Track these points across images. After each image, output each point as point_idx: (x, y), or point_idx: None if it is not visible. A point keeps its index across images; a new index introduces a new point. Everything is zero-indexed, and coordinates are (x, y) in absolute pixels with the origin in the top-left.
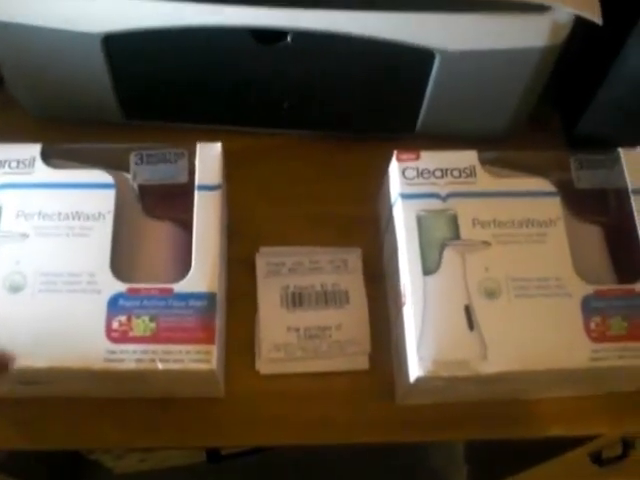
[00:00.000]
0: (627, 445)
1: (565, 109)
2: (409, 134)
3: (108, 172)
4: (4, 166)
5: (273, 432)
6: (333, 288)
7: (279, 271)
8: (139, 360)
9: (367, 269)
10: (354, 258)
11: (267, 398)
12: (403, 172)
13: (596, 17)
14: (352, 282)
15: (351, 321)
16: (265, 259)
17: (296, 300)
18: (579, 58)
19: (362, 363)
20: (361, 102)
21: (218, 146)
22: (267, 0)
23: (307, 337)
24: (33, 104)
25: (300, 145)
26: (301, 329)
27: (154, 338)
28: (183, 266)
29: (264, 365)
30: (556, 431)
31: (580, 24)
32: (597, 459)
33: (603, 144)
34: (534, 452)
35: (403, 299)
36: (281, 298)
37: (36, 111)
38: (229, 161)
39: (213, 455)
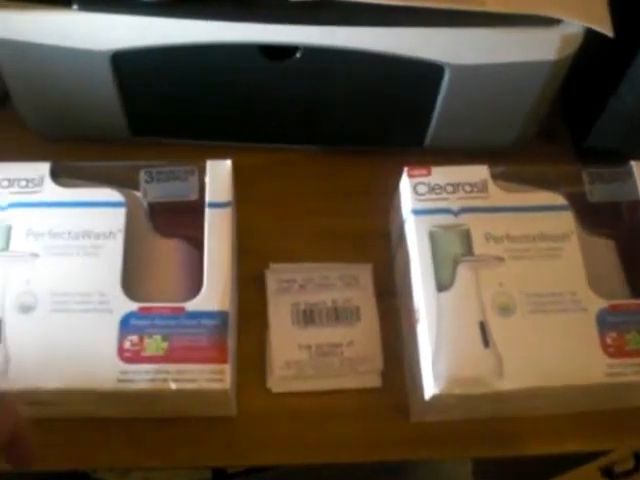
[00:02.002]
0: (639, 459)
1: (574, 122)
2: (418, 148)
3: (118, 190)
4: (13, 185)
5: (285, 451)
6: (344, 304)
7: (289, 288)
8: (152, 380)
9: (377, 285)
10: (365, 274)
11: (279, 416)
12: (414, 188)
13: (607, 29)
14: (363, 298)
15: (363, 338)
16: (275, 276)
17: (307, 317)
18: (589, 70)
19: (374, 381)
20: (371, 117)
21: (228, 163)
22: (276, 17)
23: (319, 354)
24: (39, 122)
25: (309, 160)
26: (312, 346)
27: (166, 358)
28: (194, 284)
29: (276, 383)
30: (572, 447)
31: (590, 36)
32: (609, 473)
33: (612, 157)
34: (544, 467)
35: (417, 315)
36: (292, 315)
37: (42, 129)
38: (237, 177)
39: (219, 473)
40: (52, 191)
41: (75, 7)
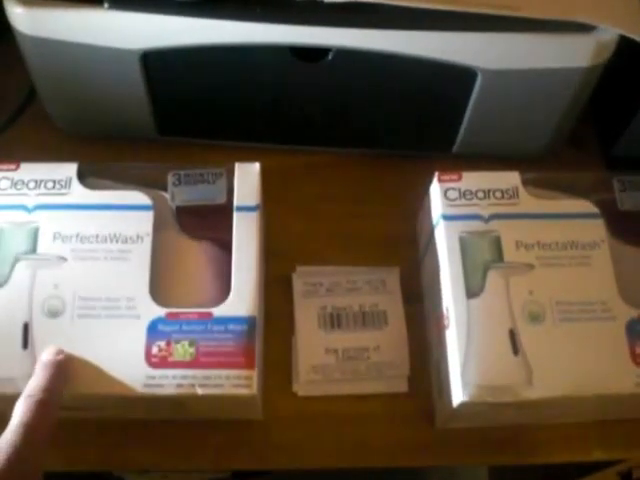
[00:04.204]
0: None
1: (603, 128)
2: (446, 153)
3: (146, 192)
4: (40, 187)
5: (311, 455)
6: (371, 309)
7: (316, 291)
8: (179, 385)
9: (404, 289)
10: (392, 278)
11: (305, 420)
12: (445, 193)
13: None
14: (390, 303)
15: (390, 343)
16: (302, 279)
17: (334, 321)
18: (619, 77)
19: (400, 386)
20: (401, 120)
21: (256, 166)
22: (309, 18)
23: (345, 359)
24: (66, 120)
25: (338, 163)
26: (339, 350)
27: (194, 363)
28: (222, 286)
29: (302, 387)
30: (598, 455)
31: (621, 42)
32: (627, 479)
33: None
34: (562, 472)
35: (446, 322)
36: (319, 319)
37: (69, 127)
38: (265, 178)
39: (238, 472)
40: (80, 193)
41: (106, 6)
